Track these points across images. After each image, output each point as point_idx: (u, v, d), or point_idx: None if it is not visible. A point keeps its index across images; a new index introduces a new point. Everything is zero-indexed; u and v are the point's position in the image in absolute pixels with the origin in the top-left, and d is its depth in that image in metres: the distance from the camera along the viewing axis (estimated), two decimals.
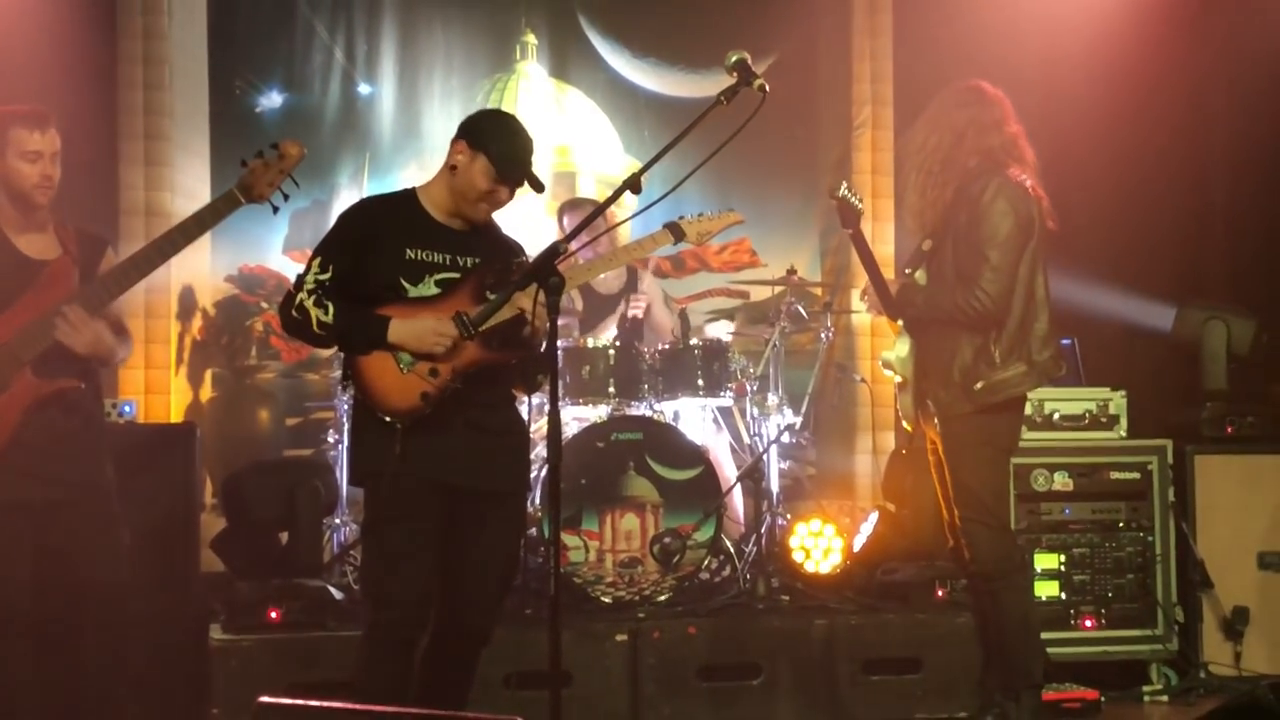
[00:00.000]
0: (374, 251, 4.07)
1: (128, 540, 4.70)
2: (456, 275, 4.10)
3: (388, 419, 4.00)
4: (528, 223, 7.20)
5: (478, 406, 4.09)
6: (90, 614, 4.50)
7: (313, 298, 4.01)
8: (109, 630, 4.53)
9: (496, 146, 4.06)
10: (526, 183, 4.11)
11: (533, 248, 4.22)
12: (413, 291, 4.06)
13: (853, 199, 4.68)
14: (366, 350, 4.02)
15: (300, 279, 4.07)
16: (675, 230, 4.26)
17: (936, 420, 4.58)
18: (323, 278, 4.04)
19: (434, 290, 4.08)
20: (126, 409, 5.67)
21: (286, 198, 4.36)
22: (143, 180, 6.84)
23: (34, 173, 4.37)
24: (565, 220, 6.62)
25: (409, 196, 4.21)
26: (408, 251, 4.08)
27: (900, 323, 4.73)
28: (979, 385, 4.52)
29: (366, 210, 4.21)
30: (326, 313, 3.99)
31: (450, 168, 4.12)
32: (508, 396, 4.28)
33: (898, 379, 4.82)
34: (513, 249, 4.28)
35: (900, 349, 4.74)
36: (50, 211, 4.48)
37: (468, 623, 4.16)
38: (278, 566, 5.60)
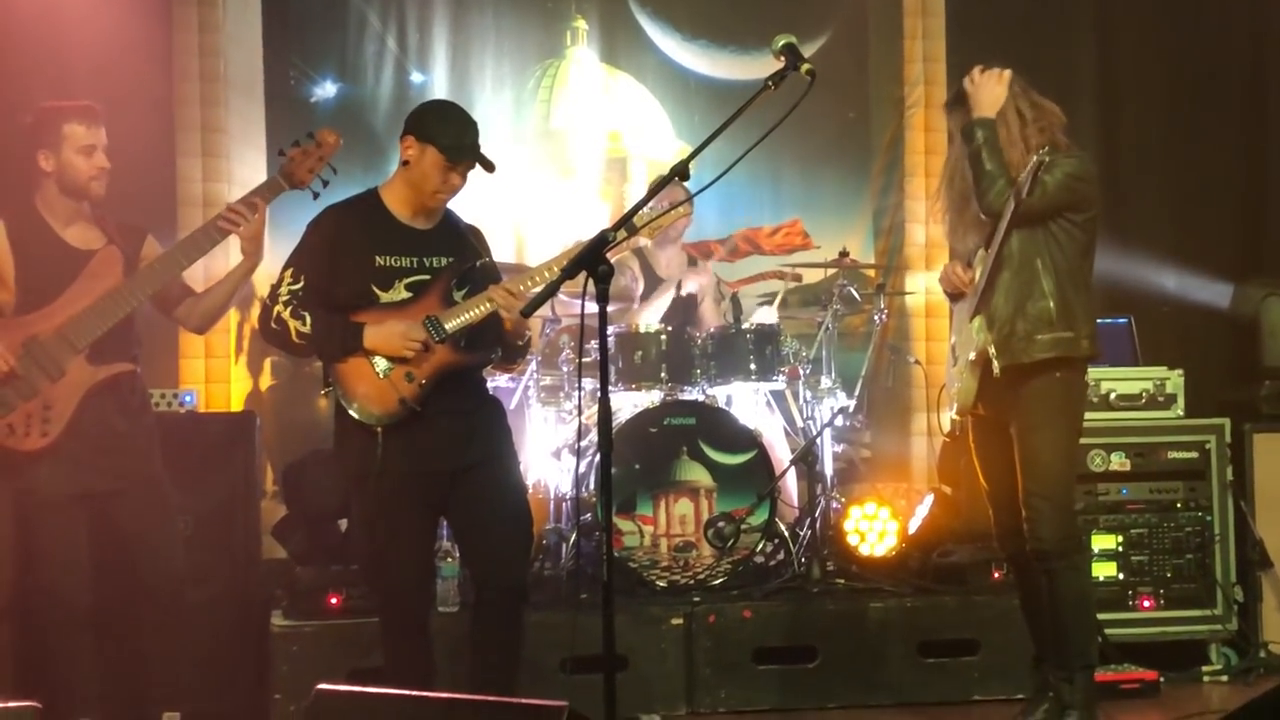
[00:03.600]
0: (343, 260, 4.22)
1: (184, 528, 4.81)
2: (426, 277, 4.25)
3: (368, 422, 4.14)
4: (582, 208, 7.26)
5: (451, 394, 4.22)
6: (149, 603, 4.60)
7: (289, 309, 4.18)
8: (168, 618, 4.63)
9: (442, 135, 4.20)
10: (478, 164, 4.23)
11: (587, 233, 4.25)
12: (384, 297, 4.21)
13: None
14: (343, 356, 4.17)
15: (274, 291, 4.23)
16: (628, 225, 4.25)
17: (1002, 354, 4.44)
18: (295, 288, 4.20)
19: (405, 295, 4.23)
20: (187, 398, 5.72)
21: (325, 184, 4.54)
22: (200, 172, 6.89)
23: (91, 166, 4.51)
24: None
25: (373, 199, 4.33)
26: (376, 258, 4.22)
27: (976, 316, 4.56)
28: (1046, 337, 4.44)
29: (333, 219, 4.31)
30: (304, 323, 4.17)
31: (404, 164, 4.25)
32: (479, 377, 4.44)
33: (967, 357, 4.65)
34: (475, 248, 4.39)
35: (974, 327, 4.57)
36: (92, 204, 4.59)
37: (502, 579, 4.30)
38: (337, 554, 5.67)
